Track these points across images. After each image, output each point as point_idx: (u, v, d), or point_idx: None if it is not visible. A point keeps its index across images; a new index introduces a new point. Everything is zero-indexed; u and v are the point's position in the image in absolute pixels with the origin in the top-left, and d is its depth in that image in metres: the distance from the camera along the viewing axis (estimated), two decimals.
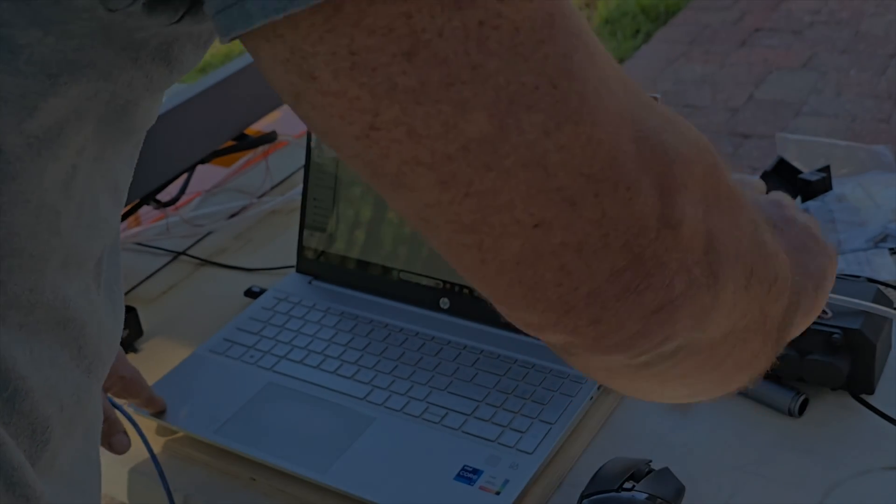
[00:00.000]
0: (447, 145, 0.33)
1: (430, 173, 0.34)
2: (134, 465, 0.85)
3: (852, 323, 0.80)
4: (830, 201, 1.03)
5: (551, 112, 0.34)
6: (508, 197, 0.34)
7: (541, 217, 0.35)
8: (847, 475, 0.76)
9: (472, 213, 0.35)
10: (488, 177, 0.34)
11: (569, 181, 0.34)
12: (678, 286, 0.37)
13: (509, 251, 0.35)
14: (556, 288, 0.36)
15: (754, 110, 3.11)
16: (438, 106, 0.33)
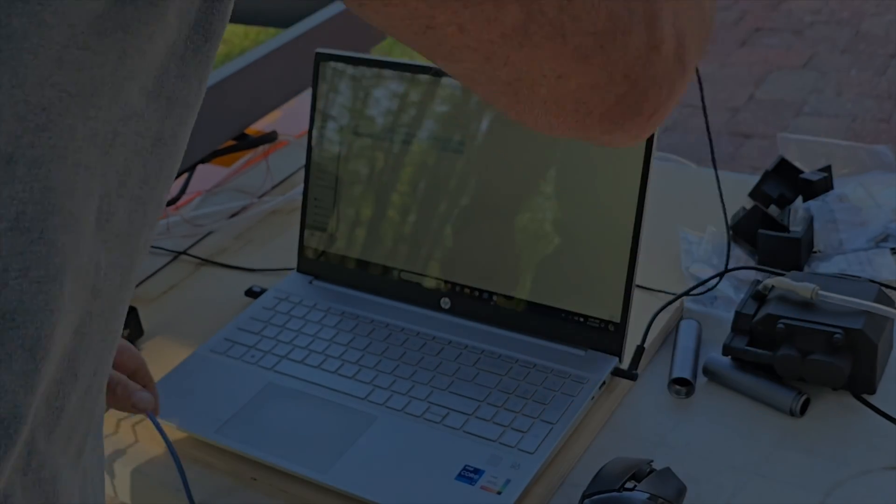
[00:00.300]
0: (490, 33, 0.41)
1: (476, 53, 0.42)
2: (136, 466, 0.85)
3: (854, 323, 0.80)
4: (832, 201, 1.03)
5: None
6: (537, 62, 0.43)
7: (562, 71, 0.43)
8: (849, 475, 0.76)
9: (510, 74, 0.44)
10: (522, 51, 0.42)
11: (581, 41, 0.42)
12: (664, 90, 0.47)
13: (538, 95, 0.44)
14: (574, 114, 0.45)
15: (755, 110, 3.11)
16: (481, 6, 0.40)
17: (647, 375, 0.88)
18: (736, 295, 0.96)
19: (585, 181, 0.87)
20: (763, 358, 0.84)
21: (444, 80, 0.93)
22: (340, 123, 0.99)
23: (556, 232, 0.89)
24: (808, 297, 0.83)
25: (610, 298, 0.86)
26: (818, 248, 1.01)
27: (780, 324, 0.82)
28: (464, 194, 0.93)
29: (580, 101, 0.45)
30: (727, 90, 3.24)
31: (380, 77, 0.96)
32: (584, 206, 0.87)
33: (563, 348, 0.88)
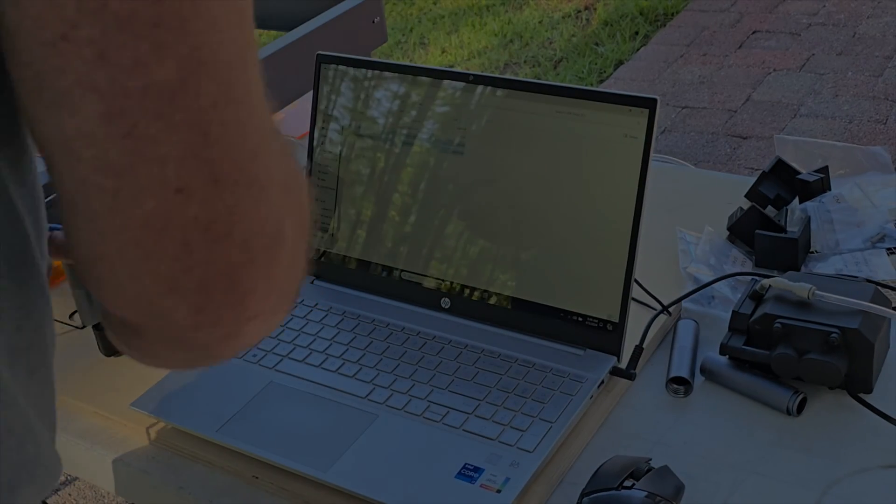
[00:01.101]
0: (131, 80, 0.34)
1: (101, 102, 0.34)
2: (136, 464, 0.86)
3: (850, 322, 0.81)
4: (828, 202, 1.04)
5: (226, 88, 0.36)
6: (165, 151, 0.35)
7: (186, 183, 0.35)
8: (845, 473, 0.77)
9: (124, 155, 0.35)
10: (155, 125, 0.34)
11: (220, 157, 0.36)
12: (272, 299, 0.39)
13: (143, 208, 0.35)
14: (172, 262, 0.36)
15: (752, 112, 3.12)
16: (139, 40, 0.33)
17: (645, 374, 0.89)
18: (733, 295, 0.96)
19: (584, 182, 0.88)
20: (760, 357, 0.84)
21: (445, 82, 0.94)
22: (341, 125, 0.99)
23: (555, 232, 0.89)
24: (805, 296, 0.83)
25: (608, 298, 0.87)
26: (815, 249, 1.01)
27: (777, 323, 0.83)
28: (464, 195, 0.93)
29: (188, 245, 0.36)
30: (725, 92, 3.25)
31: (380, 79, 0.97)
32: (583, 207, 0.88)
33: (562, 348, 0.89)
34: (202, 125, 0.35)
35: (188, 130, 0.35)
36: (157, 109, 0.34)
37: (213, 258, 0.37)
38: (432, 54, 3.87)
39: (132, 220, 0.35)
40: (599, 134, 0.87)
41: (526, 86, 0.90)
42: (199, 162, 0.35)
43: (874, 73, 3.23)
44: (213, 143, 0.35)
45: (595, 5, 4.04)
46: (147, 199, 0.35)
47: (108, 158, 0.35)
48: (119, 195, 0.35)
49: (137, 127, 0.34)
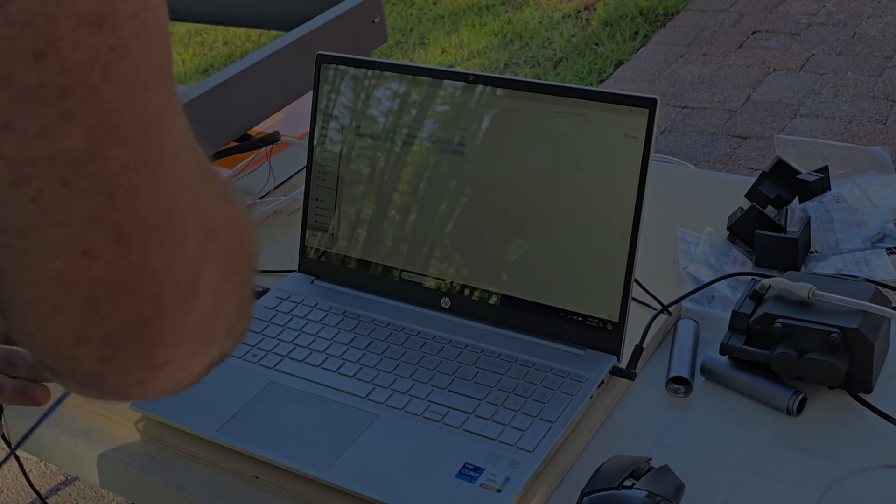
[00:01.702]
0: (37, 149, 0.34)
1: (8, 169, 0.34)
2: (136, 464, 0.86)
3: (850, 322, 0.81)
4: (828, 202, 1.04)
5: (136, 152, 0.36)
6: (71, 215, 0.35)
7: (92, 245, 0.35)
8: (845, 473, 0.77)
9: (31, 218, 0.35)
10: (61, 191, 0.34)
11: (128, 220, 0.36)
12: (185, 347, 0.39)
13: (50, 267, 0.36)
14: (79, 317, 0.36)
15: (752, 112, 3.12)
16: (45, 110, 0.33)
17: (645, 374, 0.89)
18: (733, 294, 0.96)
19: (584, 182, 0.88)
20: (760, 357, 0.84)
21: (445, 82, 0.94)
22: (341, 125, 0.99)
23: (554, 232, 0.89)
24: (805, 296, 0.83)
25: (608, 298, 0.87)
26: (815, 249, 1.01)
27: (777, 323, 0.83)
28: (464, 195, 0.93)
29: (94, 301, 0.36)
30: (725, 92, 3.25)
31: (380, 78, 0.97)
32: (583, 207, 0.88)
33: (562, 347, 0.89)
34: (110, 190, 0.35)
35: (95, 195, 0.35)
36: (63, 176, 0.34)
37: (119, 313, 0.37)
38: (432, 54, 3.87)
39: (39, 277, 0.36)
40: (599, 134, 0.87)
41: (526, 86, 0.90)
42: (105, 225, 0.36)
43: (874, 73, 3.23)
44: (120, 207, 0.36)
45: (595, 5, 4.04)
46: (53, 259, 0.35)
47: (15, 221, 0.35)
48: (26, 254, 0.35)
49: (44, 192, 0.34)
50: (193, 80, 3.92)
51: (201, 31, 4.44)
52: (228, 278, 0.42)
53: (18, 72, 0.33)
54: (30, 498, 2.07)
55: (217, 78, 1.10)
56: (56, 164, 0.34)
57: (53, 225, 0.35)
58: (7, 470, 2.12)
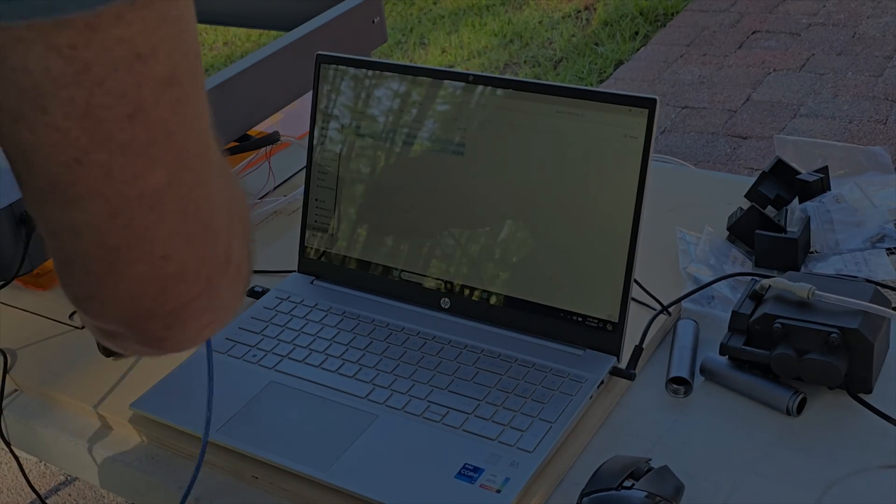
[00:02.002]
0: (130, 189, 0.41)
1: (106, 205, 0.41)
2: (136, 465, 0.86)
3: (850, 322, 0.81)
4: (828, 202, 1.04)
5: (198, 173, 0.44)
6: (155, 234, 0.43)
7: (169, 252, 0.44)
8: (845, 473, 0.77)
9: (121, 238, 0.42)
10: (149, 216, 0.42)
11: (196, 226, 0.44)
12: (225, 305, 0.49)
13: (135, 270, 0.44)
14: (152, 300, 0.45)
15: (752, 112, 3.12)
16: (137, 159, 0.41)
17: (644, 375, 0.89)
18: (733, 295, 0.96)
19: (584, 182, 0.88)
20: (760, 357, 0.84)
21: (445, 82, 0.94)
22: (341, 125, 0.99)
23: (554, 232, 0.89)
24: (805, 297, 0.83)
25: (608, 298, 0.87)
26: (815, 249, 1.01)
27: (776, 323, 0.83)
28: (464, 195, 0.93)
29: (165, 290, 0.45)
30: (725, 92, 3.25)
31: (380, 79, 0.97)
32: (583, 207, 0.88)
33: (562, 348, 0.89)
34: (183, 208, 0.43)
35: (172, 215, 0.43)
36: (150, 206, 0.42)
37: (182, 294, 0.46)
38: (432, 54, 3.87)
39: (123, 276, 0.44)
40: (599, 134, 0.87)
41: (526, 86, 0.90)
42: (179, 235, 0.44)
43: (874, 74, 3.23)
44: (190, 219, 0.44)
45: (595, 5, 4.05)
46: (138, 264, 0.43)
47: (109, 241, 0.42)
48: (115, 264, 0.43)
49: (134, 220, 0.42)
50: None
51: (201, 31, 4.44)
52: (243, 241, 0.50)
53: (116, 132, 0.39)
54: (29, 498, 2.07)
55: (217, 78, 1.10)
56: (146, 198, 0.42)
57: (140, 241, 0.43)
58: (7, 470, 2.12)
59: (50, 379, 0.96)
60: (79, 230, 0.42)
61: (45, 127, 0.39)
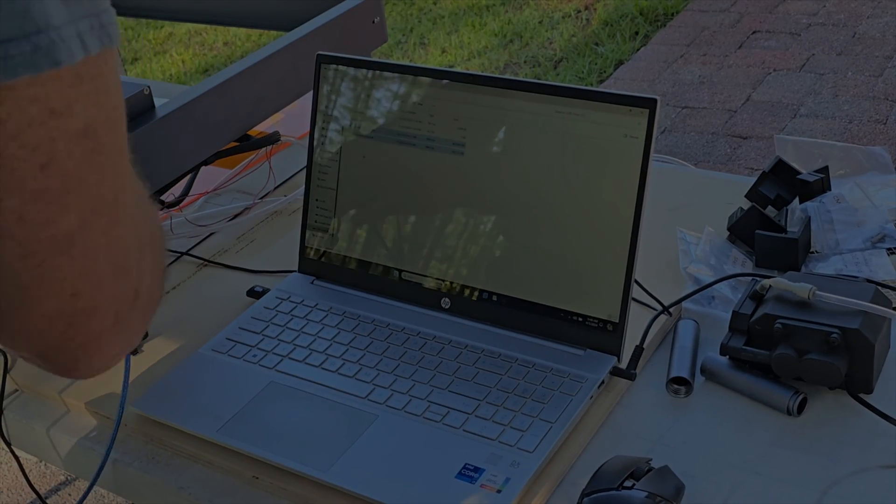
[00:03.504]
0: (41, 232, 0.43)
1: (18, 248, 0.43)
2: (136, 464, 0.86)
3: (851, 323, 0.81)
4: (828, 202, 1.04)
5: (110, 216, 0.46)
6: (66, 274, 0.45)
7: (79, 290, 0.46)
8: (845, 474, 0.77)
9: (32, 278, 0.45)
10: (60, 258, 0.44)
11: (106, 267, 0.46)
12: (133, 333, 0.51)
13: (44, 307, 0.46)
14: (60, 334, 0.47)
15: (752, 112, 3.12)
16: (50, 207, 0.43)
17: (645, 375, 0.89)
18: (733, 295, 0.96)
19: (584, 182, 0.88)
20: (760, 357, 0.84)
21: (445, 82, 0.94)
22: (341, 125, 0.99)
23: (555, 232, 0.89)
24: (806, 297, 0.83)
25: (608, 298, 0.87)
26: (815, 249, 1.01)
27: (777, 324, 0.83)
28: (464, 195, 0.93)
29: (74, 325, 0.47)
30: (725, 92, 3.25)
31: (380, 79, 0.97)
32: (584, 207, 0.88)
33: (562, 348, 0.89)
34: (94, 250, 0.45)
35: (83, 257, 0.45)
36: (62, 249, 0.44)
37: (91, 328, 0.48)
38: (432, 54, 3.87)
39: (33, 313, 0.46)
40: (599, 134, 0.87)
41: (526, 86, 0.90)
42: (89, 275, 0.46)
43: (874, 74, 3.23)
44: (100, 259, 0.46)
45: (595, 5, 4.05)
46: (48, 301, 0.46)
47: (19, 279, 0.44)
48: (25, 300, 0.45)
49: (45, 262, 0.44)
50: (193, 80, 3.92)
51: (201, 31, 4.44)
52: (154, 269, 0.53)
53: (28, 181, 0.42)
54: (30, 498, 2.07)
55: (217, 78, 1.10)
56: (57, 241, 0.44)
57: (51, 281, 0.45)
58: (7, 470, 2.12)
59: (50, 379, 0.96)
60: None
61: None
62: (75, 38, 0.41)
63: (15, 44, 0.39)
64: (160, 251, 0.55)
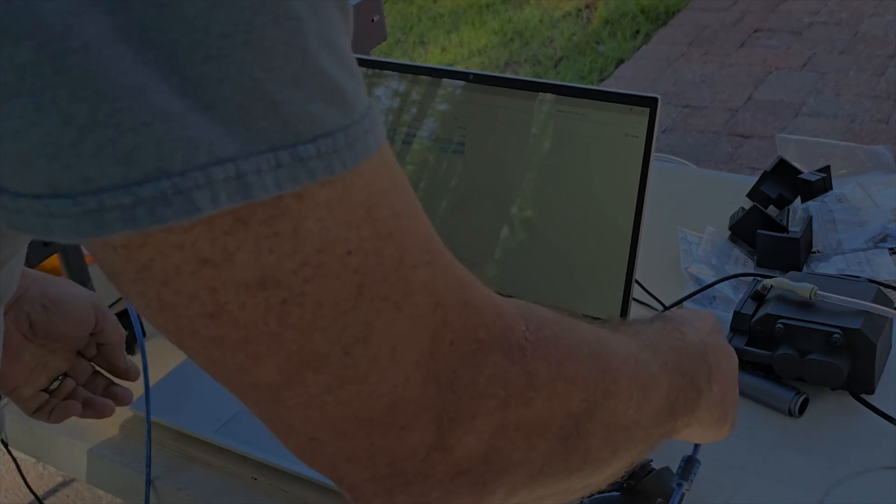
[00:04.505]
0: (239, 379, 0.38)
1: (229, 386, 0.39)
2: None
3: (852, 323, 0.80)
4: (830, 201, 1.03)
5: (337, 374, 0.38)
6: (288, 420, 0.39)
7: (316, 436, 0.40)
8: (847, 474, 0.76)
9: (260, 415, 0.41)
10: (272, 407, 0.39)
11: (342, 422, 0.39)
12: (435, 494, 0.41)
13: (289, 442, 0.41)
14: (321, 469, 0.41)
15: (754, 111, 3.11)
16: (235, 354, 0.37)
17: None
18: (734, 295, 0.96)
19: (585, 182, 0.87)
20: (762, 358, 0.84)
21: (445, 81, 0.93)
22: None
23: (555, 232, 0.89)
24: (807, 297, 0.83)
25: (609, 298, 0.86)
26: (817, 249, 1.01)
27: (778, 324, 0.82)
28: (464, 194, 0.93)
29: (335, 468, 0.41)
30: (726, 91, 3.25)
31: (380, 77, 0.97)
32: (584, 207, 0.87)
33: None
34: (318, 405, 0.38)
35: (303, 409, 0.38)
36: (270, 397, 0.39)
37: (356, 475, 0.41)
38: (432, 53, 3.86)
39: (288, 445, 0.42)
40: (600, 133, 0.86)
41: (526, 85, 0.90)
42: (321, 426, 0.39)
43: (876, 73, 3.22)
44: (331, 415, 0.38)
45: (596, 4, 4.04)
46: (290, 439, 0.41)
47: (254, 411, 0.41)
48: (272, 431, 0.41)
49: (259, 405, 0.40)
50: None
51: None
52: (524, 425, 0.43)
53: (201, 328, 0.36)
54: (27, 499, 2.06)
55: None
56: (260, 389, 0.38)
57: (277, 422, 0.40)
58: (5, 471, 2.11)
59: None
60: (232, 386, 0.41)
61: (139, 309, 0.37)
62: (223, 182, 0.33)
63: (111, 194, 0.32)
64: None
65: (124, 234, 0.33)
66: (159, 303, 0.36)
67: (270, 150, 0.34)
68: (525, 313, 0.44)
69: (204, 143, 0.33)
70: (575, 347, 0.45)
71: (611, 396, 0.47)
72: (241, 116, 0.33)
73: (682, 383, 0.56)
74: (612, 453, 0.49)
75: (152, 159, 0.32)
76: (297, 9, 0.34)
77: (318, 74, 0.35)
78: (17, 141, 0.32)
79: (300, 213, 0.35)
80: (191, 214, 0.33)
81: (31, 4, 0.31)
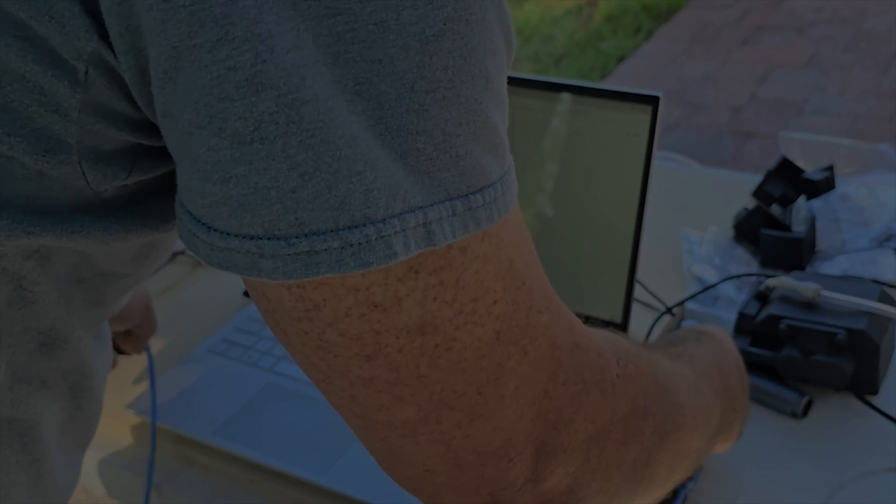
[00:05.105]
0: (377, 416, 0.40)
1: (357, 420, 0.41)
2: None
3: (856, 323, 0.79)
4: (834, 201, 1.03)
5: (469, 411, 0.40)
6: (412, 454, 0.42)
7: (433, 468, 0.42)
8: (851, 476, 0.76)
9: (380, 449, 0.43)
10: (402, 441, 0.41)
11: (463, 454, 0.41)
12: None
13: (400, 473, 0.43)
14: (426, 500, 0.44)
15: (757, 109, 3.10)
16: (380, 394, 0.39)
17: None
18: (737, 295, 0.95)
19: (586, 181, 0.87)
20: (765, 358, 0.83)
21: None
22: None
23: (556, 231, 0.88)
24: (811, 297, 0.82)
25: (611, 299, 0.86)
26: (821, 248, 1.00)
27: (782, 324, 0.82)
28: None
29: (438, 496, 0.44)
30: (729, 89, 3.24)
31: None
32: (585, 206, 0.87)
33: None
34: (445, 440, 0.41)
35: (431, 444, 0.41)
36: (402, 433, 0.41)
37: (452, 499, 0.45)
38: None
39: (395, 477, 0.44)
40: (602, 131, 0.85)
41: (527, 83, 0.89)
42: (442, 458, 0.42)
43: (880, 70, 3.21)
44: (455, 448, 0.41)
45: (597, 1, 4.03)
46: (403, 469, 0.43)
47: (370, 445, 0.43)
48: (384, 463, 0.44)
49: (388, 439, 0.41)
50: None
51: None
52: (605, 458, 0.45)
53: (354, 368, 0.38)
54: None
55: None
56: (393, 427, 0.41)
57: (398, 454, 0.42)
58: None
59: None
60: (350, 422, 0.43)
61: (288, 346, 0.40)
62: (414, 229, 0.35)
63: (322, 238, 0.34)
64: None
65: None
66: (320, 341, 0.38)
67: (448, 200, 0.36)
68: (615, 348, 0.47)
69: (400, 192, 0.35)
70: (649, 383, 0.48)
71: (678, 429, 0.50)
72: (429, 167, 0.35)
73: (726, 406, 0.60)
74: (669, 477, 0.52)
75: (361, 206, 0.34)
76: (489, 68, 0.36)
77: (492, 130, 0.37)
78: (242, 184, 0.34)
79: (462, 264, 0.37)
80: (389, 259, 0.35)
81: (274, 56, 0.33)
